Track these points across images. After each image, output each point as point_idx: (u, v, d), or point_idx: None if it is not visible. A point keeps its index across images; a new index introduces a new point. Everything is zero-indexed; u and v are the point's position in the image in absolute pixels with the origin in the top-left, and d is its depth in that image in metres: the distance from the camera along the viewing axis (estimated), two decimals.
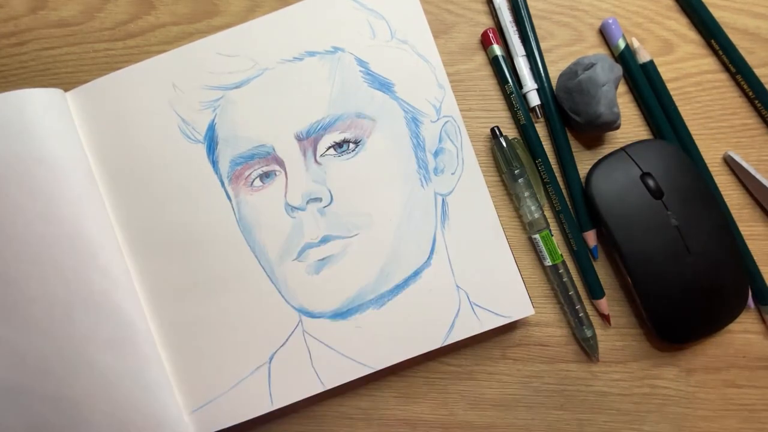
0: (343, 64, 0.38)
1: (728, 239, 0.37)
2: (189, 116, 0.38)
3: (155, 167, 0.38)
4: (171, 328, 0.38)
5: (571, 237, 0.39)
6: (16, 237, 0.36)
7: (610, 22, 0.39)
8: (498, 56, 0.39)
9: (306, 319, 0.38)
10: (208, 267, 0.38)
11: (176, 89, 0.38)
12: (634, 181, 0.37)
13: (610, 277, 0.40)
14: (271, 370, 0.38)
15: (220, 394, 0.38)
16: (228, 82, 0.38)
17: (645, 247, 0.37)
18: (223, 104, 0.38)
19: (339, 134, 0.38)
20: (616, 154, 0.38)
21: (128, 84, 0.39)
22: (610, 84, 0.36)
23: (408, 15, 0.38)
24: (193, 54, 0.38)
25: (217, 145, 0.38)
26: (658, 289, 0.37)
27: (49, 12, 0.41)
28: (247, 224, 0.38)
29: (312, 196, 0.38)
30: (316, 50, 0.38)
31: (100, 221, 0.37)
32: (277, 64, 0.38)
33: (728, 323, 0.38)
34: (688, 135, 0.39)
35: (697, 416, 0.39)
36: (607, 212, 0.37)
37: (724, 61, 0.39)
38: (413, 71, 0.38)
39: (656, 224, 0.37)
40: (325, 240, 0.38)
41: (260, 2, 0.40)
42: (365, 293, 0.38)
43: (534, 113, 0.40)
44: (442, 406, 0.40)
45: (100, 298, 0.36)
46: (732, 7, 0.40)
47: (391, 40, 0.38)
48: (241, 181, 0.38)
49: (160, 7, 0.41)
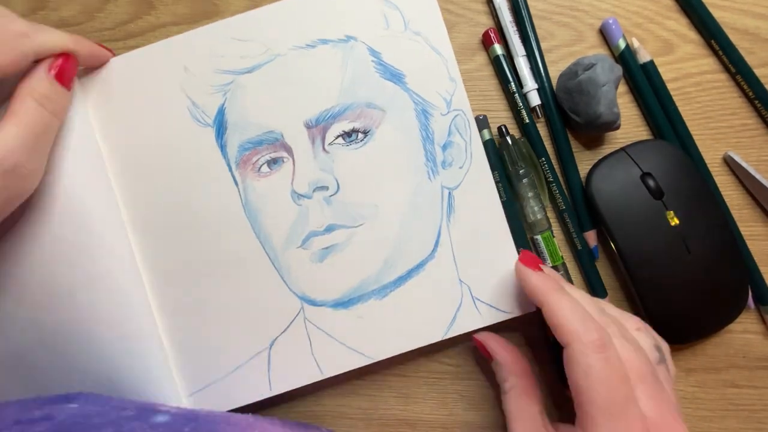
0: (356, 54, 0.38)
1: (728, 239, 0.37)
2: (199, 99, 0.38)
3: (163, 149, 0.38)
4: (172, 311, 0.38)
5: (575, 236, 0.39)
6: (21, 213, 0.36)
7: (610, 22, 0.39)
8: (500, 56, 0.39)
9: (308, 307, 0.38)
10: (213, 251, 0.38)
11: (188, 72, 0.38)
12: (635, 181, 0.37)
13: (608, 276, 0.40)
14: (271, 356, 0.38)
15: (219, 378, 0.38)
16: (239, 67, 0.38)
17: (645, 247, 0.37)
18: (233, 89, 0.38)
19: (348, 123, 0.38)
20: (616, 154, 0.38)
21: (140, 65, 0.38)
22: (610, 84, 0.36)
23: (422, 7, 0.38)
24: (205, 37, 0.38)
25: (226, 130, 0.38)
26: (658, 290, 0.37)
27: (49, 12, 0.41)
28: (253, 210, 0.38)
29: (319, 184, 0.38)
30: (329, 38, 0.38)
31: (106, 201, 0.37)
32: (289, 51, 0.38)
33: (728, 323, 0.38)
34: (689, 135, 0.39)
35: (697, 416, 0.39)
36: (607, 212, 0.37)
37: (724, 62, 0.39)
38: (425, 63, 0.38)
39: (656, 224, 0.37)
40: (330, 229, 0.38)
41: (260, 2, 0.40)
42: (368, 283, 0.38)
43: (534, 113, 0.40)
44: (442, 406, 0.40)
45: (103, 277, 0.36)
46: (732, 7, 0.40)
47: (404, 31, 0.38)
48: (248, 167, 0.38)
49: (160, 7, 0.41)
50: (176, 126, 0.38)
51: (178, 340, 0.38)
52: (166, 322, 0.38)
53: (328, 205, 0.38)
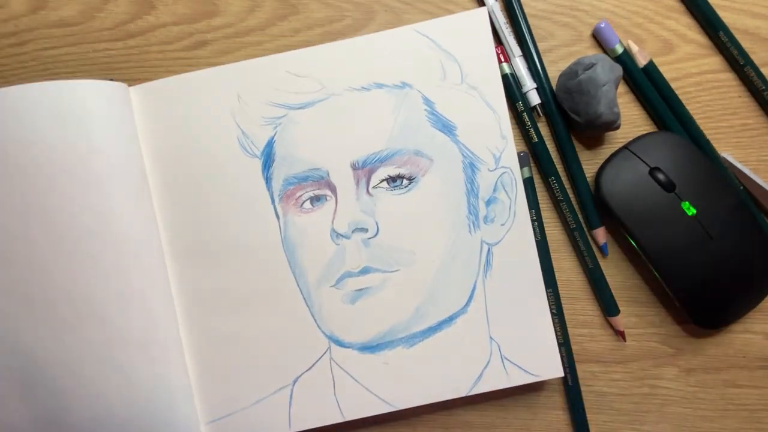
0: (410, 101, 0.38)
1: (748, 218, 0.37)
2: (249, 129, 0.38)
3: (208, 175, 0.38)
4: (201, 337, 0.38)
5: (586, 255, 0.39)
6: (62, 226, 0.36)
7: (602, 26, 0.39)
8: (508, 74, 0.39)
9: (335, 347, 0.38)
10: (247, 281, 0.38)
11: (240, 101, 0.38)
12: (644, 177, 0.37)
13: (620, 275, 0.40)
14: (293, 393, 0.38)
15: (239, 409, 0.38)
16: (293, 102, 0.38)
17: (667, 241, 0.37)
18: (285, 122, 0.38)
19: (395, 168, 0.38)
20: (621, 154, 0.38)
21: (193, 88, 0.39)
22: (610, 84, 0.36)
23: (481, 62, 0.38)
24: (261, 68, 0.38)
25: (273, 162, 0.38)
26: (689, 280, 0.37)
27: (49, 12, 0.41)
28: (291, 244, 0.38)
29: (359, 225, 0.38)
30: (384, 83, 0.38)
31: (147, 222, 0.37)
32: (344, 91, 0.38)
33: (761, 300, 0.38)
34: (697, 128, 0.39)
35: (697, 416, 0.40)
36: (623, 214, 0.37)
37: (733, 54, 0.39)
38: (478, 118, 0.38)
39: (674, 217, 0.37)
40: (365, 271, 0.38)
41: (260, 2, 0.40)
42: (397, 330, 0.38)
43: (535, 112, 0.40)
44: (442, 406, 0.40)
45: (135, 298, 0.36)
46: (732, 7, 0.40)
47: (461, 84, 0.38)
48: (291, 201, 0.38)
49: (160, 7, 0.41)
50: (224, 153, 0.38)
51: (204, 367, 0.38)
52: (194, 348, 0.38)
53: (366, 248, 0.38)
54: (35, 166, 0.36)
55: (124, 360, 0.36)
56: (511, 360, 0.38)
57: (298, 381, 0.38)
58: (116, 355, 0.36)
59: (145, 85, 0.39)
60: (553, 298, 0.39)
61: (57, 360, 0.36)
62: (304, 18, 0.40)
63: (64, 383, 0.36)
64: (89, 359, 0.36)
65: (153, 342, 0.36)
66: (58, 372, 0.36)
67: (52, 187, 0.36)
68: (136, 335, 0.36)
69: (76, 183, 0.36)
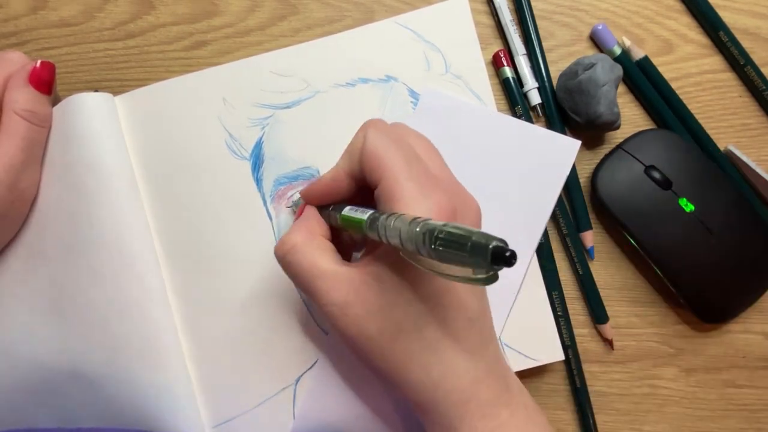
0: (395, 94, 0.38)
1: (747, 211, 0.38)
2: (237, 132, 0.38)
3: (198, 180, 0.38)
4: (200, 342, 0.38)
5: (576, 261, 0.39)
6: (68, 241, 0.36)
7: (599, 28, 0.39)
8: (509, 78, 0.39)
9: None
10: (243, 283, 0.38)
11: (226, 103, 0.38)
12: (640, 176, 0.38)
13: (608, 276, 0.40)
14: (296, 392, 0.38)
15: (243, 412, 0.38)
16: (279, 102, 0.38)
17: (668, 239, 0.37)
18: (272, 123, 0.38)
19: None
20: (615, 153, 0.38)
21: (178, 94, 0.38)
22: (610, 84, 0.36)
23: (464, 51, 0.38)
24: (246, 70, 0.38)
25: (263, 163, 0.38)
26: (692, 276, 0.37)
27: (49, 12, 0.41)
28: None
29: None
30: (369, 77, 0.38)
31: (140, 229, 0.37)
32: (330, 88, 0.38)
33: (764, 292, 0.39)
34: (697, 123, 0.39)
35: (697, 416, 0.40)
36: (622, 214, 0.38)
37: (733, 54, 0.39)
38: None
39: (672, 215, 0.37)
40: None
41: (260, 2, 0.40)
42: None
43: (534, 112, 0.40)
44: None
45: (134, 306, 0.36)
46: (732, 7, 0.40)
47: (445, 73, 0.38)
48: (283, 201, 0.38)
49: (160, 7, 0.41)
50: (212, 157, 0.38)
51: (205, 372, 0.38)
52: (195, 353, 0.38)
53: None
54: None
55: (128, 369, 0.36)
56: (510, 346, 0.38)
57: (300, 380, 0.38)
58: (119, 364, 0.36)
59: (131, 94, 0.38)
60: (559, 301, 0.39)
61: (66, 369, 0.36)
62: (304, 18, 0.40)
63: (72, 392, 0.36)
64: (95, 368, 0.36)
65: (154, 350, 0.36)
66: (69, 381, 0.36)
67: (58, 205, 0.36)
68: (136, 345, 0.36)
69: (76, 198, 0.36)
